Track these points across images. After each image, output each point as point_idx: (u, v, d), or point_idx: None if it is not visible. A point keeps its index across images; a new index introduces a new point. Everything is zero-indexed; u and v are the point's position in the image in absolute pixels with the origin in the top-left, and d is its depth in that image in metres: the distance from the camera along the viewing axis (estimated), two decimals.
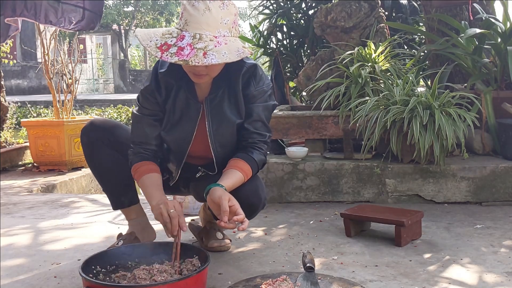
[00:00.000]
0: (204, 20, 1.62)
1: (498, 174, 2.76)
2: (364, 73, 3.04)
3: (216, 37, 1.62)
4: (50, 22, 4.11)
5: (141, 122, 1.88)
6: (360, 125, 2.85)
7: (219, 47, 1.61)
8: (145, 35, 1.66)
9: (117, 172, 2.00)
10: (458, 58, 3.26)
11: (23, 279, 1.88)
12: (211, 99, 1.84)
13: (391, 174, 2.84)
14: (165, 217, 1.63)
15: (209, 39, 1.61)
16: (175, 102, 1.85)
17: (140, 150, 1.87)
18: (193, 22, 1.62)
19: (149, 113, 1.87)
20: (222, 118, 1.85)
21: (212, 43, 1.60)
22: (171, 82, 1.83)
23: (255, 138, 1.87)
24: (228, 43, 1.63)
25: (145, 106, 1.87)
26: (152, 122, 1.87)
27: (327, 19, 3.43)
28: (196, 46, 1.59)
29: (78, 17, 4.11)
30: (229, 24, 1.66)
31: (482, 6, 3.56)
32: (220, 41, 1.62)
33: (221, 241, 2.11)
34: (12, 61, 5.89)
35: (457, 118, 2.65)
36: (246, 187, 1.82)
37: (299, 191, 2.94)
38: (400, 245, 2.13)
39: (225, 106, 1.84)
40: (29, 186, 3.89)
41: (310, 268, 1.69)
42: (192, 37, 1.61)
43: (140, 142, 1.88)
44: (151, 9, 22.54)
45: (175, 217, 1.62)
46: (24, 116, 11.55)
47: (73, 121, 4.61)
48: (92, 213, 2.98)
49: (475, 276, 1.79)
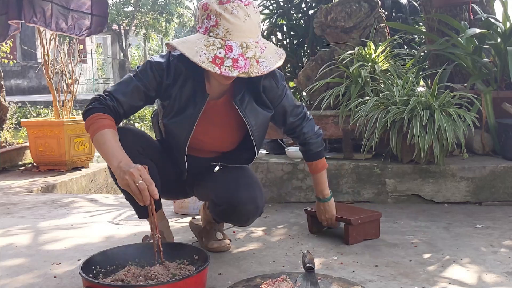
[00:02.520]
0: (247, 28, 1.62)
1: (498, 174, 2.76)
2: (364, 73, 3.04)
3: (258, 43, 1.66)
4: (61, 30, 4.16)
5: (131, 85, 1.78)
6: (360, 125, 2.85)
7: (264, 52, 1.65)
8: (189, 49, 1.62)
9: None
10: (458, 58, 3.27)
11: (23, 279, 1.88)
12: (241, 99, 1.84)
13: (391, 174, 2.84)
14: (134, 189, 1.53)
15: (253, 46, 1.63)
16: (182, 90, 1.82)
17: (109, 104, 1.73)
18: (236, 30, 1.61)
19: (144, 84, 1.79)
20: (258, 113, 1.88)
21: (258, 50, 1.64)
22: (181, 68, 1.80)
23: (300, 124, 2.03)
24: (267, 46, 1.68)
25: (145, 77, 1.79)
26: (141, 93, 1.78)
27: (327, 19, 3.43)
28: (248, 56, 1.61)
29: (87, 22, 4.15)
30: (261, 26, 1.71)
31: (482, 6, 3.57)
32: (262, 46, 1.66)
33: (221, 241, 2.11)
34: (12, 61, 5.88)
35: (457, 118, 2.65)
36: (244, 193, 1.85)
37: (299, 191, 2.94)
38: (348, 243, 2.17)
39: (255, 103, 1.88)
40: (29, 186, 3.89)
41: (310, 268, 1.69)
42: (240, 47, 1.61)
43: (116, 99, 1.75)
44: (151, 9, 22.53)
45: (144, 189, 1.52)
46: (24, 116, 11.55)
47: (73, 121, 4.61)
48: (92, 213, 2.98)
49: (474, 276, 1.79)
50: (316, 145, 2.08)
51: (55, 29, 4.13)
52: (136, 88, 1.78)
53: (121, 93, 1.77)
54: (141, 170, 1.55)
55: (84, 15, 4.13)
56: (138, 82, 1.78)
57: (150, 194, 1.53)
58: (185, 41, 1.66)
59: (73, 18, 4.11)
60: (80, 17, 4.13)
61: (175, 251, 1.71)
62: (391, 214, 2.64)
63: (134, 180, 1.53)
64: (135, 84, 1.78)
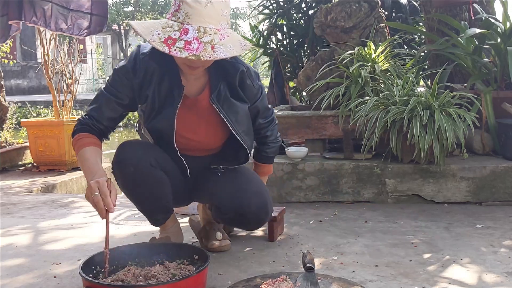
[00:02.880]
0: (207, 13, 1.60)
1: (498, 174, 2.76)
2: (364, 73, 3.04)
3: (219, 30, 1.62)
4: (60, 30, 4.15)
5: (102, 100, 1.81)
6: (360, 125, 2.85)
7: (224, 40, 1.61)
8: (144, 28, 1.61)
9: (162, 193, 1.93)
10: (458, 58, 3.27)
11: (23, 279, 1.88)
12: (217, 96, 1.82)
13: (391, 174, 2.84)
14: (91, 201, 1.54)
15: (213, 32, 1.60)
16: (159, 89, 1.80)
17: (89, 123, 1.80)
18: (196, 15, 1.59)
19: (114, 94, 1.80)
20: (236, 108, 1.86)
21: (217, 37, 1.60)
22: (152, 66, 1.78)
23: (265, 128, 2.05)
24: (230, 36, 1.64)
25: (114, 86, 1.80)
26: (113, 104, 1.81)
27: (327, 19, 3.43)
28: (203, 40, 1.57)
29: (86, 23, 4.14)
30: (227, 16, 1.67)
31: (482, 6, 3.56)
32: (223, 34, 1.62)
33: (221, 241, 2.11)
34: (12, 61, 5.89)
35: (457, 118, 2.65)
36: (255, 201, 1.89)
37: (299, 191, 2.94)
38: (273, 240, 2.20)
39: (232, 98, 1.86)
40: (29, 186, 3.89)
41: (310, 268, 1.69)
42: (197, 31, 1.58)
43: (92, 117, 1.81)
44: (151, 9, 22.55)
45: (99, 201, 1.51)
46: (24, 116, 11.55)
47: (73, 121, 4.57)
48: (92, 213, 2.97)
49: (475, 276, 1.79)
50: (272, 150, 2.13)
51: (55, 29, 4.13)
52: (107, 101, 1.80)
53: (95, 110, 1.81)
54: (100, 183, 1.54)
55: (84, 15, 4.13)
56: (108, 94, 1.80)
57: (105, 206, 1.52)
58: (144, 23, 1.66)
59: (73, 18, 4.11)
60: (80, 17, 4.13)
61: (175, 251, 1.71)
62: (391, 214, 2.64)
63: (91, 192, 1.54)
64: (106, 97, 1.80)
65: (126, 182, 1.88)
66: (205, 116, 1.88)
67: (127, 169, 1.82)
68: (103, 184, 1.54)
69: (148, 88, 1.79)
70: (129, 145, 1.87)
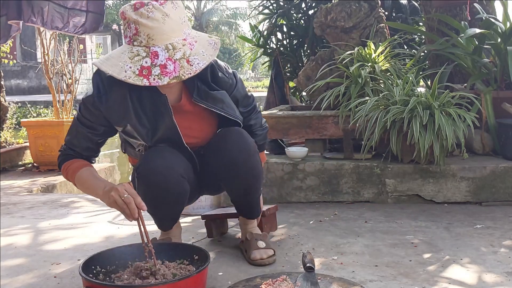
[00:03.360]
0: (169, 28, 1.56)
1: (498, 174, 2.76)
2: (364, 73, 3.04)
3: (185, 40, 1.59)
4: (56, 28, 4.13)
5: (76, 131, 1.80)
6: (360, 125, 2.85)
7: (194, 48, 1.58)
8: (112, 66, 1.56)
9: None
10: (458, 58, 3.27)
11: (23, 279, 1.88)
12: (198, 93, 1.80)
13: (391, 174, 2.84)
14: (121, 204, 1.53)
15: (181, 44, 1.57)
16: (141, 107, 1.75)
17: (69, 152, 1.81)
18: (158, 34, 1.55)
19: (87, 125, 1.78)
20: (218, 97, 1.84)
21: (187, 48, 1.58)
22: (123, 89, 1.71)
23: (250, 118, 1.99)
24: (197, 40, 1.62)
25: (85, 116, 1.77)
26: (87, 134, 1.78)
27: (327, 19, 3.43)
28: (176, 58, 1.55)
29: (82, 20, 4.13)
30: (186, 20, 1.64)
31: (482, 6, 3.56)
32: (191, 42, 1.60)
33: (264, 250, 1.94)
34: (12, 61, 5.89)
35: (457, 118, 2.65)
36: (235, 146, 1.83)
37: (299, 191, 2.94)
38: None
39: (210, 92, 1.83)
40: (29, 186, 3.89)
41: (310, 268, 1.69)
42: (166, 50, 1.55)
43: (70, 148, 1.81)
44: None
45: (131, 201, 1.52)
46: (24, 116, 11.54)
47: None
48: (92, 213, 2.98)
49: (475, 276, 1.79)
50: (260, 137, 2.05)
51: (50, 27, 4.12)
52: (81, 132, 1.79)
53: (72, 143, 1.81)
54: (125, 186, 1.56)
55: (80, 12, 4.11)
56: (81, 125, 1.78)
57: (137, 206, 1.53)
58: (109, 58, 1.60)
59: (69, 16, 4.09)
60: (76, 14, 4.11)
61: (175, 251, 1.71)
62: (391, 214, 2.64)
63: (119, 195, 1.53)
64: (79, 129, 1.79)
65: (151, 189, 1.77)
66: (195, 117, 1.88)
67: (156, 177, 1.74)
68: (129, 186, 1.56)
69: (125, 113, 1.74)
70: (158, 152, 1.79)
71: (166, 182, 1.75)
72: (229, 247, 2.18)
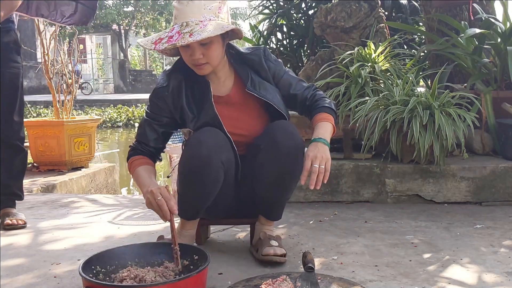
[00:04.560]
0: (189, 10, 1.76)
1: (498, 174, 2.76)
2: (364, 73, 3.04)
3: (202, 21, 1.75)
4: (41, 15, 4.01)
5: (145, 123, 1.97)
6: (360, 125, 2.85)
7: (204, 27, 1.72)
8: (145, 39, 1.83)
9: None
10: (458, 58, 3.27)
11: (23, 279, 1.88)
12: (252, 83, 1.92)
13: (391, 174, 2.84)
14: (155, 206, 1.66)
15: (194, 23, 1.74)
16: (192, 95, 1.92)
17: (139, 147, 1.96)
18: (180, 14, 1.77)
19: (153, 117, 1.95)
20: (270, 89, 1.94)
21: (198, 26, 1.73)
22: (179, 78, 1.92)
23: (309, 93, 1.99)
24: (213, 24, 1.75)
25: (151, 109, 1.96)
26: (153, 126, 1.95)
27: (327, 19, 3.43)
28: (183, 31, 1.73)
29: (70, 10, 4.02)
30: (214, 10, 1.79)
31: (482, 6, 3.56)
32: (205, 23, 1.75)
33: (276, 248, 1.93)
34: None
35: (457, 118, 2.65)
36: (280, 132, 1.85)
37: (298, 191, 2.94)
38: None
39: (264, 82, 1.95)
40: (29, 186, 3.88)
41: (310, 268, 1.69)
42: (179, 26, 1.75)
43: (140, 141, 1.96)
44: (151, 9, 22.55)
45: (163, 204, 1.63)
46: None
47: (73, 121, 4.61)
48: (92, 213, 2.98)
49: (474, 276, 1.79)
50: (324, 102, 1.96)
51: (35, 15, 4.03)
52: (147, 124, 1.96)
53: (140, 135, 1.98)
54: (161, 189, 1.67)
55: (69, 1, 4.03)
56: (147, 118, 1.96)
57: (169, 209, 1.63)
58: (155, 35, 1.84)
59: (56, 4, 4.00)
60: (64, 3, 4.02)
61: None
62: (391, 214, 2.64)
63: (154, 197, 1.65)
64: (146, 121, 1.97)
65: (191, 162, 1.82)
66: (244, 109, 1.96)
67: (202, 150, 1.79)
68: (164, 190, 1.66)
69: (179, 99, 1.92)
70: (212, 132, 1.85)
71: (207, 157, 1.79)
72: (229, 247, 2.18)
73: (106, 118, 13.19)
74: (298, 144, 1.87)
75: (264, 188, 1.93)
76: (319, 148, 1.80)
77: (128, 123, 13.20)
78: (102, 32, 23.51)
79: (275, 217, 2.05)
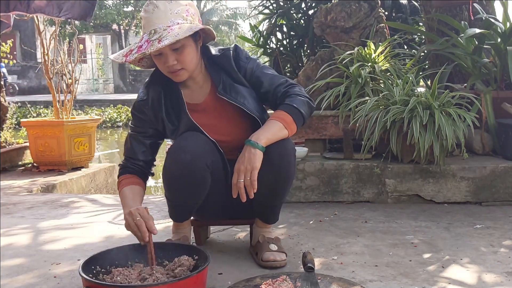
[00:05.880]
0: (155, 17, 1.74)
1: (498, 174, 2.76)
2: (364, 73, 3.04)
3: (170, 26, 1.73)
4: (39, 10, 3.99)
5: (131, 138, 1.96)
6: (360, 125, 2.85)
7: (172, 31, 1.71)
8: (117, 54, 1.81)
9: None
10: (458, 58, 3.27)
11: (23, 279, 1.88)
12: (223, 87, 1.88)
13: (391, 174, 2.84)
14: (133, 227, 1.65)
15: (162, 29, 1.72)
16: (172, 106, 1.90)
17: (127, 164, 1.94)
18: (147, 22, 1.76)
19: (137, 130, 1.95)
20: (242, 92, 1.90)
21: (166, 31, 1.71)
22: (158, 90, 1.90)
23: (280, 90, 1.88)
24: (181, 27, 1.73)
25: (134, 123, 1.96)
26: (140, 138, 1.95)
27: (327, 19, 3.43)
28: (152, 39, 1.71)
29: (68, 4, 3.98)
30: (180, 13, 1.76)
31: (482, 6, 3.56)
32: (173, 28, 1.72)
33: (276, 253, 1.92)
34: (12, 61, 5.88)
35: (457, 118, 2.65)
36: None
37: (298, 191, 2.94)
38: None
39: (235, 84, 1.90)
40: (29, 186, 3.89)
41: (310, 268, 1.69)
42: (148, 34, 1.73)
43: (128, 157, 1.95)
44: None
45: (141, 224, 1.63)
46: (24, 116, 11.55)
47: (73, 121, 4.61)
48: (92, 213, 2.98)
49: (474, 276, 1.79)
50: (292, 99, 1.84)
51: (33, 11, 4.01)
52: (133, 138, 1.96)
53: (127, 151, 1.96)
54: (139, 209, 1.66)
55: None
56: (132, 132, 1.96)
57: (148, 229, 1.63)
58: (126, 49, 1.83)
59: None
60: None
61: (175, 251, 1.70)
62: (391, 214, 2.64)
63: (132, 218, 1.65)
64: (132, 136, 1.96)
65: (174, 168, 1.80)
66: (222, 115, 1.92)
67: (184, 156, 1.77)
68: (143, 210, 1.67)
69: (159, 111, 1.91)
70: (194, 136, 1.84)
71: (190, 163, 1.77)
72: (229, 247, 2.18)
73: (106, 118, 13.20)
74: (290, 149, 1.84)
75: (259, 195, 1.85)
76: (245, 156, 1.71)
77: (128, 123, 13.19)
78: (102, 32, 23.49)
79: (272, 220, 2.03)
